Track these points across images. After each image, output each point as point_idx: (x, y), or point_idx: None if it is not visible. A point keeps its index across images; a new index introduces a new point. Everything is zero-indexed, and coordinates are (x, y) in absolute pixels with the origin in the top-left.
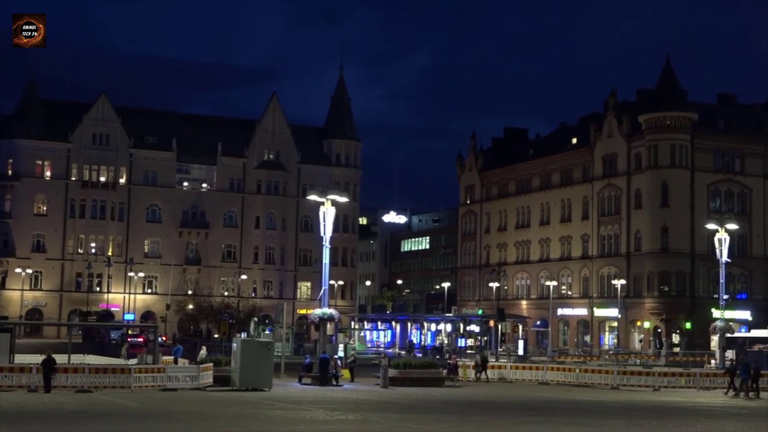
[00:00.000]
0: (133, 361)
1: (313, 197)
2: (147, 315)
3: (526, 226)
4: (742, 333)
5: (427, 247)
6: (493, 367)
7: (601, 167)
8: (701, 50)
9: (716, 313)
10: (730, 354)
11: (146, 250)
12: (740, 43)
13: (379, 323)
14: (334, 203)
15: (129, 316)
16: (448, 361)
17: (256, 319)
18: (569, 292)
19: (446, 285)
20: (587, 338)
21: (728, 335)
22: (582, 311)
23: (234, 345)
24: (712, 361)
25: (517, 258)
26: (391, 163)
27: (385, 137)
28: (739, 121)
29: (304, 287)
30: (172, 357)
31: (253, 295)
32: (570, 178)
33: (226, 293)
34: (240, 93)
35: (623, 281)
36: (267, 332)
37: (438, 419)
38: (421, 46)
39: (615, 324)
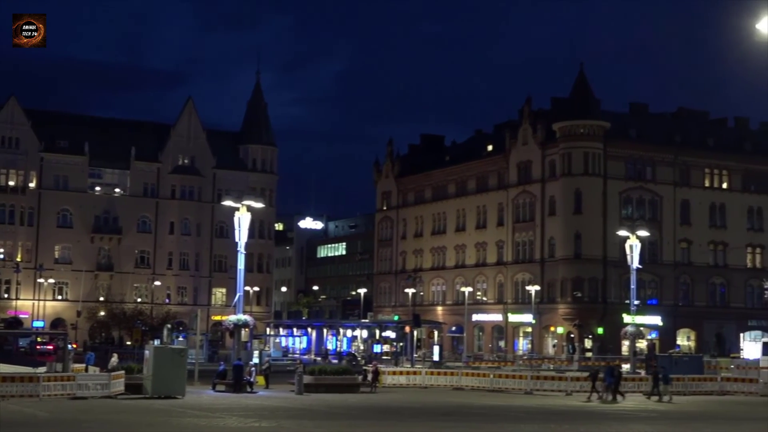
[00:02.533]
0: (42, 369)
1: (228, 203)
2: (57, 322)
3: (442, 233)
4: (652, 337)
5: (344, 253)
6: (408, 372)
7: (516, 174)
8: (614, 60)
9: (627, 318)
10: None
11: (57, 256)
12: (652, 54)
13: (294, 329)
14: (249, 209)
15: (38, 323)
16: (365, 367)
17: (169, 325)
18: (484, 298)
19: (362, 291)
20: (502, 343)
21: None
22: (497, 317)
23: (146, 352)
24: (624, 366)
25: (432, 264)
26: (307, 169)
27: (302, 142)
28: (650, 130)
29: (219, 293)
30: (83, 365)
31: (167, 301)
32: (485, 184)
33: (139, 300)
34: (152, 96)
35: (537, 287)
36: (181, 339)
37: (353, 425)
38: (335, 50)
39: (529, 329)
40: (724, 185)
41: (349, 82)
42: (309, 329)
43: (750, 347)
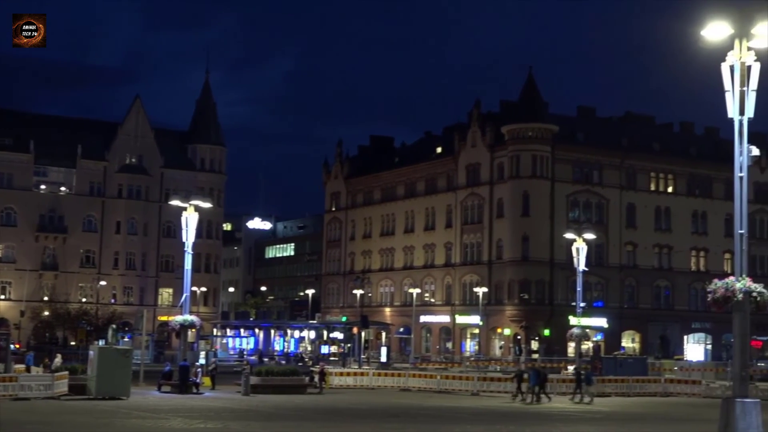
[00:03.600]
0: None
1: (176, 202)
2: (0, 322)
3: (391, 234)
4: (597, 339)
5: (292, 253)
6: (356, 374)
7: (465, 176)
8: (562, 64)
9: (573, 320)
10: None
11: (0, 255)
12: (599, 59)
13: (242, 330)
14: (197, 209)
15: None
16: (312, 368)
17: (114, 326)
18: (432, 300)
19: (311, 292)
20: (449, 345)
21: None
22: (444, 318)
23: (91, 353)
24: (569, 368)
25: (381, 265)
26: (256, 169)
27: (251, 142)
28: (597, 134)
29: (166, 294)
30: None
31: (112, 301)
32: (434, 186)
33: (84, 299)
34: (100, 94)
35: (485, 289)
36: (126, 339)
37: (299, 426)
38: (284, 50)
39: (476, 331)
40: (670, 189)
41: (299, 82)
42: (256, 330)
43: (693, 349)
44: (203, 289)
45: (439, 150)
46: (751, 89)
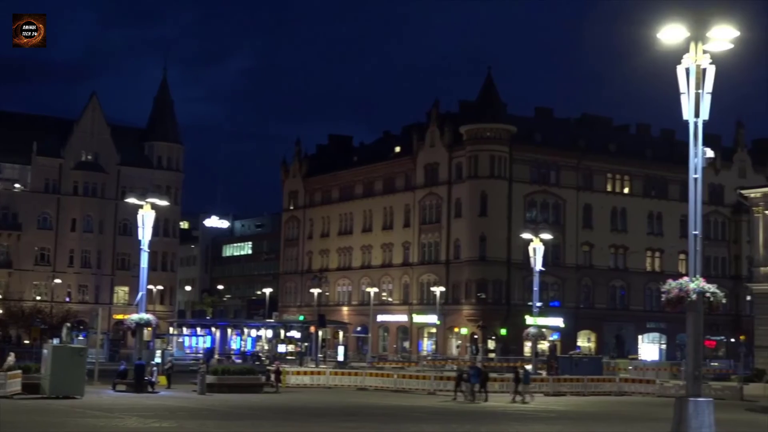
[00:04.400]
0: None
1: (132, 200)
2: None
3: (349, 233)
4: (553, 339)
5: (250, 252)
6: (313, 373)
7: (423, 176)
8: (521, 64)
9: (530, 319)
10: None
11: None
12: (558, 60)
13: (198, 329)
14: (154, 206)
15: None
16: (268, 367)
17: (69, 324)
18: (390, 299)
19: (268, 291)
20: (406, 344)
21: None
22: (402, 317)
23: (45, 351)
24: (526, 366)
25: (338, 264)
26: (214, 167)
27: (209, 140)
28: (554, 135)
29: (122, 292)
30: None
31: (67, 299)
32: (392, 186)
33: (38, 298)
34: (56, 90)
35: (442, 288)
36: (81, 338)
37: (255, 425)
38: (242, 47)
39: (434, 330)
40: (626, 190)
41: (257, 80)
42: (213, 329)
43: (648, 349)
44: (159, 287)
45: (397, 149)
46: (706, 92)
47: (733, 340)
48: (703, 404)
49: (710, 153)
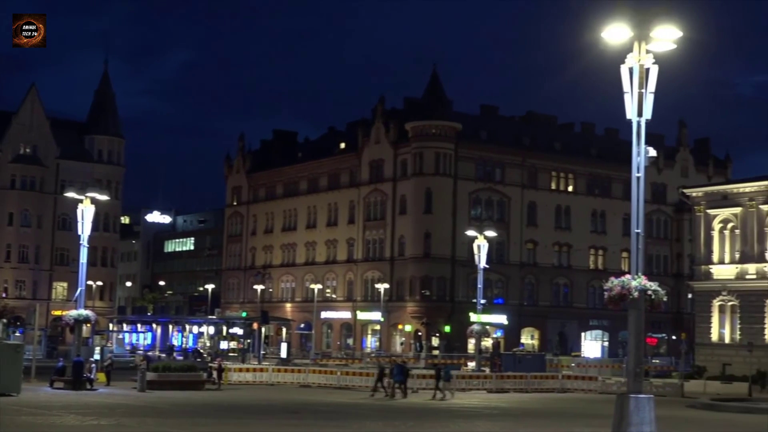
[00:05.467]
0: None
1: (71, 194)
2: None
3: (293, 229)
4: (497, 336)
5: (192, 248)
6: (255, 370)
7: (368, 173)
8: (467, 62)
9: (474, 317)
10: None
11: None
12: (503, 57)
13: (139, 325)
14: (94, 201)
15: None
16: (210, 364)
17: (5, 320)
18: (334, 296)
19: (210, 287)
20: (350, 341)
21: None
22: (346, 314)
23: None
24: (469, 364)
25: (282, 261)
26: (156, 161)
27: (150, 134)
28: (500, 133)
29: (60, 287)
30: None
31: (3, 295)
32: (337, 182)
33: None
34: None
35: (386, 285)
36: (18, 334)
37: (196, 423)
38: (185, 39)
39: (378, 327)
40: (570, 188)
41: (200, 73)
42: (154, 325)
43: (591, 346)
44: (99, 283)
45: (342, 146)
46: (649, 91)
47: (674, 337)
48: (644, 401)
49: (653, 152)
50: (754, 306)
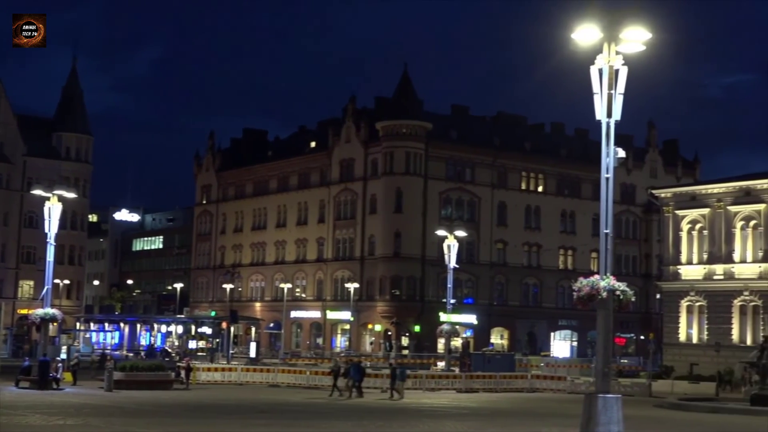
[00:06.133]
0: None
1: (38, 192)
2: None
3: (262, 228)
4: (467, 336)
5: (161, 246)
6: (224, 369)
7: (339, 172)
8: (438, 62)
9: (444, 316)
10: None
11: None
12: (474, 58)
13: (106, 324)
14: (61, 199)
15: None
16: (179, 364)
17: None
18: (303, 295)
19: (179, 286)
20: (319, 341)
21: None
22: (315, 314)
23: None
24: (439, 364)
25: (252, 260)
26: (125, 159)
27: (119, 131)
28: (470, 133)
29: (27, 286)
30: None
31: None
32: (308, 181)
33: None
34: None
35: (356, 285)
36: None
37: (163, 423)
38: (154, 36)
39: (347, 327)
40: (540, 188)
41: (169, 70)
42: (122, 324)
43: (560, 346)
44: (66, 281)
45: (312, 144)
46: (618, 92)
47: (642, 337)
48: (612, 401)
49: (622, 153)
50: (721, 306)
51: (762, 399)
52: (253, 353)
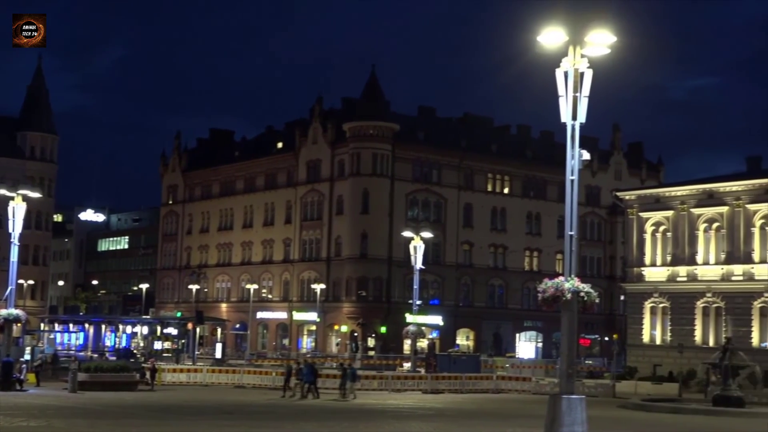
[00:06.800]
0: None
1: (2, 191)
2: None
3: (229, 229)
4: (433, 337)
5: (126, 247)
6: (189, 370)
7: (305, 173)
8: (405, 63)
9: (410, 317)
10: None
11: None
12: (441, 59)
13: (71, 325)
14: (25, 198)
15: None
16: (144, 365)
17: None
18: (270, 296)
19: (144, 286)
20: (286, 341)
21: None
22: (282, 315)
23: None
24: (405, 364)
25: (218, 260)
26: (90, 159)
27: (84, 130)
28: (437, 134)
29: None
30: None
31: None
32: (274, 182)
33: None
34: None
35: (323, 286)
36: None
37: (128, 424)
38: (120, 34)
39: (314, 327)
40: (506, 190)
41: (136, 70)
42: (86, 325)
43: (525, 347)
44: (30, 282)
45: (280, 145)
46: (583, 95)
47: (607, 338)
48: (576, 401)
49: (587, 155)
50: (684, 308)
51: (724, 400)
52: (218, 354)
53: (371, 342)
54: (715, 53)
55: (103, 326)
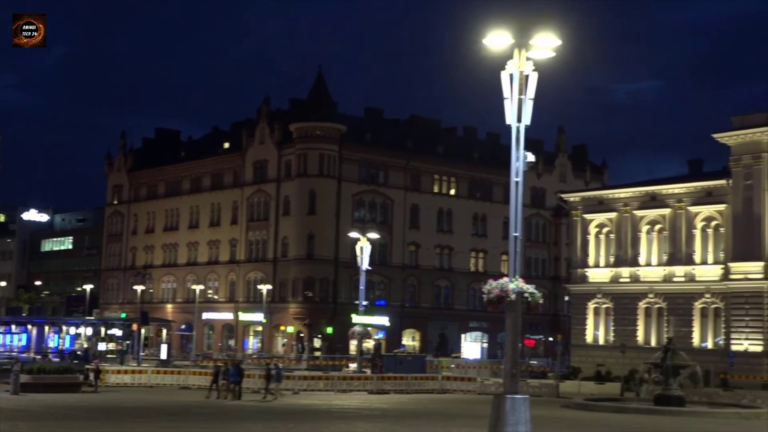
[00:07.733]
0: None
1: None
2: None
3: (175, 229)
4: (379, 337)
5: (70, 247)
6: (134, 371)
7: (252, 173)
8: (352, 64)
9: (356, 318)
10: None
11: None
12: (388, 61)
13: (13, 326)
14: None
15: None
16: (87, 366)
17: None
18: (215, 296)
19: (89, 287)
20: (232, 342)
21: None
22: (228, 315)
23: None
24: (351, 365)
25: (163, 261)
26: (33, 158)
27: (27, 129)
28: (384, 136)
29: None
30: None
31: None
32: (221, 182)
33: None
34: None
35: (269, 286)
36: None
37: (70, 426)
38: (63, 32)
39: (260, 328)
40: (452, 192)
41: (80, 68)
42: (29, 326)
43: (470, 347)
44: None
45: (226, 145)
46: (528, 97)
47: (551, 339)
48: (520, 401)
49: (531, 157)
50: (627, 308)
51: (665, 399)
52: (164, 355)
53: (317, 343)
54: (658, 57)
55: (47, 327)
